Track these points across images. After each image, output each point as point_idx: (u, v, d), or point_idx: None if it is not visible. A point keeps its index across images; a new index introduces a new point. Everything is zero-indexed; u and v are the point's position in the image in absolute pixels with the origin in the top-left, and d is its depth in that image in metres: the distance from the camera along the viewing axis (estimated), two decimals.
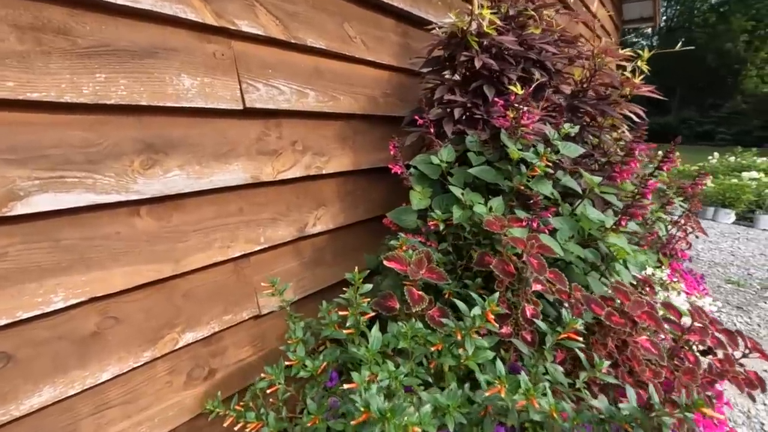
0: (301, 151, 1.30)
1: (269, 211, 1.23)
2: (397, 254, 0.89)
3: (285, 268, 1.32)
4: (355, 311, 0.80)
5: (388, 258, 0.88)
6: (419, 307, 0.80)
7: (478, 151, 1.16)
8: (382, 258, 1.20)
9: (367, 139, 1.57)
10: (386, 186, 1.72)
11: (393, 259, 0.88)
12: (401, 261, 0.88)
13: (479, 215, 1.00)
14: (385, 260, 0.88)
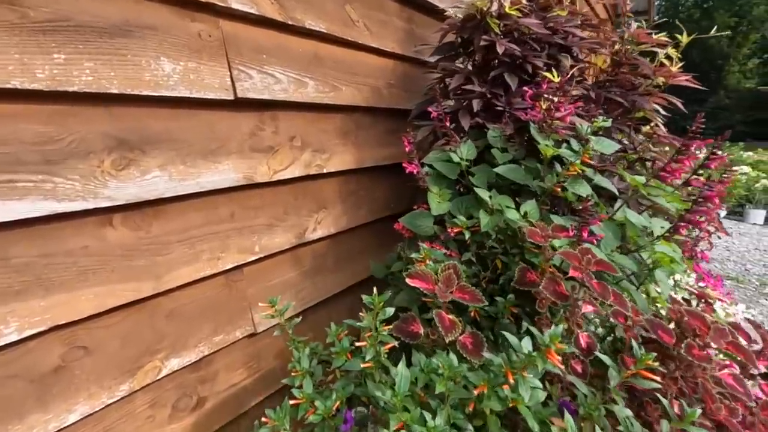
0: (299, 148, 1.16)
1: (265, 215, 1.09)
2: (420, 270, 0.76)
3: (283, 279, 1.18)
4: (375, 342, 0.67)
5: (411, 275, 0.75)
6: (452, 336, 0.67)
7: (502, 147, 1.03)
8: (393, 268, 1.06)
9: (370, 134, 1.43)
10: (390, 185, 1.58)
11: (416, 277, 0.75)
12: (426, 278, 0.75)
13: (512, 222, 0.88)
14: (408, 278, 0.75)
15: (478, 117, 1.11)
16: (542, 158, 0.96)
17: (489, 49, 1.10)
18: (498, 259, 0.95)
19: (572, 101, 0.92)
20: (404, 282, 1.04)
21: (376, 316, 0.69)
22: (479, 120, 1.10)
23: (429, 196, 0.99)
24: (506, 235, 0.94)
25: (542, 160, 0.96)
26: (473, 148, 1.04)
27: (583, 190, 0.89)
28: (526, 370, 0.58)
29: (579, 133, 0.95)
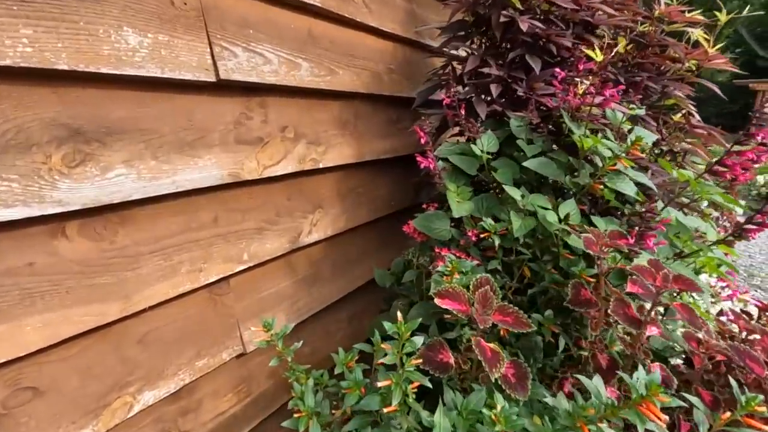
0: (292, 140, 1.01)
1: (254, 218, 0.94)
2: (451, 288, 0.63)
3: (275, 290, 1.03)
4: (400, 380, 0.54)
5: (441, 295, 0.62)
6: (498, 372, 0.54)
7: (528, 138, 0.90)
8: (405, 278, 0.93)
9: (370, 125, 1.29)
10: (392, 181, 1.45)
11: (446, 296, 0.62)
12: (458, 298, 0.62)
13: (551, 225, 0.75)
14: (437, 298, 0.62)
15: (495, 104, 0.98)
16: (575, 151, 0.84)
17: (508, 27, 0.97)
18: (526, 266, 0.83)
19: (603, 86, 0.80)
20: (417, 292, 0.92)
21: (401, 348, 0.56)
22: (497, 107, 0.97)
23: (449, 195, 0.86)
24: (534, 238, 0.82)
25: (574, 153, 0.84)
26: (494, 139, 0.91)
27: (627, 188, 0.77)
28: (604, 421, 0.46)
29: (614, 122, 0.83)
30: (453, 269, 0.69)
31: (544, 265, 0.83)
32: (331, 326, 1.26)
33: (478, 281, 0.64)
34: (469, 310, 0.60)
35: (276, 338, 0.69)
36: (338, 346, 1.29)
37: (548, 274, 0.81)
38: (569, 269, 0.78)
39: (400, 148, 1.44)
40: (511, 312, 0.61)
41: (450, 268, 0.69)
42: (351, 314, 1.33)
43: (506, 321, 0.60)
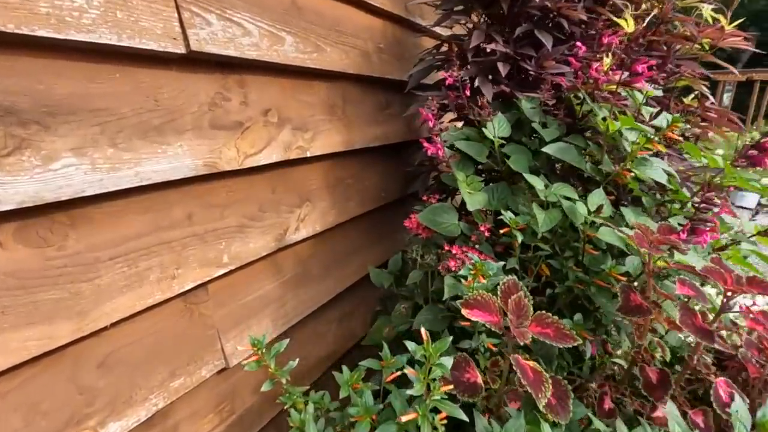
0: (276, 125, 0.89)
1: (235, 214, 0.83)
2: (480, 297, 0.54)
3: (260, 294, 0.92)
4: (426, 411, 0.45)
5: (468, 305, 0.53)
6: (545, 397, 0.46)
7: (541, 121, 0.82)
8: (410, 279, 0.84)
9: (359, 109, 1.18)
10: (382, 170, 1.35)
11: (475, 306, 0.53)
12: (488, 307, 0.53)
13: (578, 218, 0.67)
14: (465, 308, 0.53)
15: (502, 85, 0.89)
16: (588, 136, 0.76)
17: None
18: (544, 263, 0.75)
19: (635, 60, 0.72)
20: (421, 294, 0.83)
21: (428, 373, 0.46)
22: (504, 88, 0.88)
23: (459, 186, 0.76)
24: (553, 233, 0.74)
25: (592, 137, 0.76)
26: (506, 122, 0.82)
27: (658, 175, 0.70)
28: None
29: (635, 102, 0.76)
30: (477, 272, 0.60)
31: (565, 261, 0.75)
32: (321, 327, 1.16)
33: (506, 286, 0.55)
34: (500, 321, 0.52)
35: (268, 358, 0.58)
36: (329, 348, 1.20)
37: (571, 272, 0.74)
38: (592, 266, 0.71)
39: (391, 135, 1.34)
40: (551, 322, 0.53)
41: (473, 271, 0.60)
42: (341, 314, 1.23)
43: (546, 333, 0.52)
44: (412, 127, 1.48)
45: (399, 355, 0.62)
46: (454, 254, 0.71)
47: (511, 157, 0.78)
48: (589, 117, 0.82)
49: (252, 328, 0.90)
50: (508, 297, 0.53)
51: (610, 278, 0.70)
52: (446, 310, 0.77)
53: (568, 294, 0.75)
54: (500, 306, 0.53)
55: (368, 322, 1.37)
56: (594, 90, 0.77)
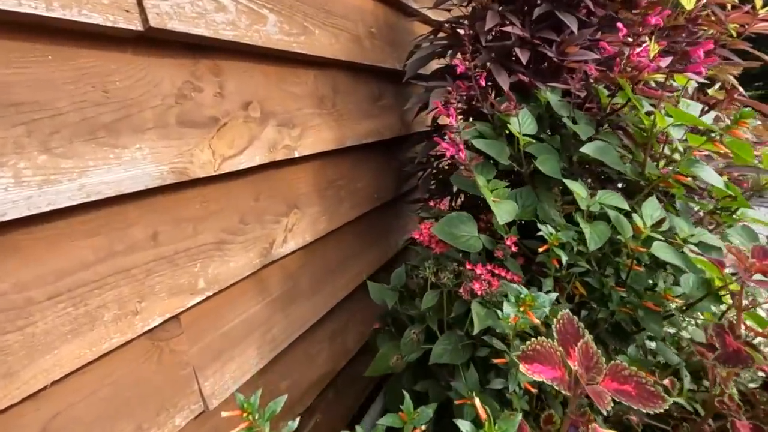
0: (259, 120, 0.76)
1: (211, 229, 0.69)
2: (540, 345, 0.43)
3: (243, 319, 0.79)
4: None
5: (527, 358, 0.41)
6: None
7: (569, 116, 0.71)
8: (425, 303, 0.72)
9: (351, 102, 1.05)
10: (374, 169, 1.22)
11: (535, 359, 0.41)
12: (550, 359, 0.41)
13: (630, 231, 0.57)
14: (524, 363, 0.41)
15: (519, 74, 0.78)
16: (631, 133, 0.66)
17: None
18: (578, 281, 0.65)
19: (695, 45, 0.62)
20: (433, 318, 0.72)
21: None
22: (522, 77, 0.77)
23: (484, 193, 0.65)
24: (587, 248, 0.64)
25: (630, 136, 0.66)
26: (531, 117, 0.71)
27: (713, 179, 0.61)
28: None
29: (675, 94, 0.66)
30: (526, 305, 0.49)
31: (605, 280, 0.65)
32: (312, 348, 1.04)
33: (561, 325, 0.44)
34: (565, 376, 0.41)
35: (261, 422, 0.46)
36: (321, 370, 1.07)
37: (614, 292, 0.64)
38: (636, 285, 0.61)
39: (384, 130, 1.22)
40: (629, 376, 0.42)
41: (522, 306, 0.49)
42: (334, 330, 1.11)
43: (625, 392, 0.41)
44: (405, 121, 1.36)
45: (423, 407, 0.51)
46: (479, 274, 0.60)
47: (539, 158, 0.68)
48: (619, 112, 0.72)
49: (235, 359, 0.77)
50: (569, 340, 0.42)
51: (662, 300, 0.61)
52: (465, 337, 0.66)
53: (609, 317, 0.65)
54: (562, 355, 0.42)
55: (363, 336, 1.26)
56: (635, 79, 0.66)
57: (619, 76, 0.66)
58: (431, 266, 0.68)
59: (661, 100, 0.63)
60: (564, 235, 0.61)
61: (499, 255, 0.66)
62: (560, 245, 0.60)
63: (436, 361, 0.63)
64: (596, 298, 0.68)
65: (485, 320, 0.57)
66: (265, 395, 0.87)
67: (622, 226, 0.60)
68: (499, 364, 0.56)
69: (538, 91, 0.75)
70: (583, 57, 0.76)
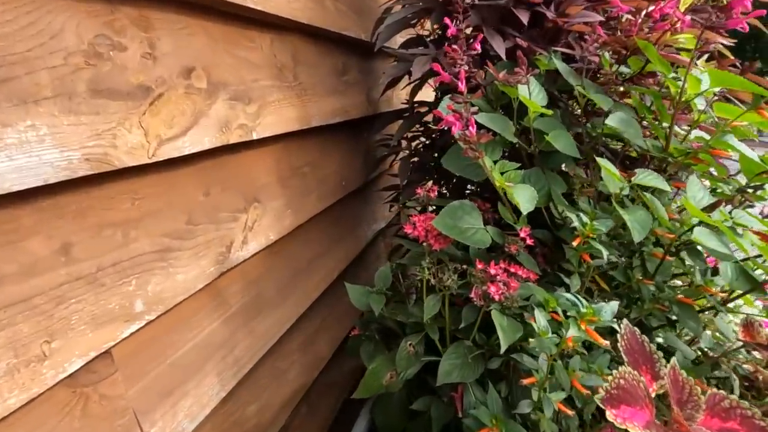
0: (206, 93, 0.60)
1: (149, 234, 0.53)
2: (624, 382, 0.32)
3: (198, 341, 0.64)
4: None
5: (613, 400, 0.29)
6: None
7: (578, 85, 0.62)
8: (426, 313, 0.60)
9: (315, 74, 0.90)
10: (340, 154, 1.09)
11: (621, 400, 0.30)
12: (635, 397, 0.30)
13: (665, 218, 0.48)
14: (611, 408, 0.30)
15: (517, 38, 0.68)
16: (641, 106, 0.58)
17: None
18: (597, 274, 0.57)
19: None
20: (433, 326, 0.61)
21: None
22: (521, 42, 0.67)
23: (494, 177, 0.54)
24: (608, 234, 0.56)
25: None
26: (539, 87, 0.61)
27: (748, 152, 0.54)
28: None
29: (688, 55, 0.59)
30: (585, 320, 0.38)
31: (632, 272, 0.58)
32: (282, 362, 0.90)
33: (627, 342, 0.34)
34: (653, 417, 0.32)
35: None
36: (293, 386, 0.94)
37: (643, 286, 0.57)
38: (664, 277, 0.54)
39: (351, 109, 1.08)
40: (733, 408, 0.34)
41: (581, 322, 0.38)
42: (305, 338, 0.98)
43: (731, 430, 0.33)
44: (372, 100, 1.23)
45: None
46: (494, 275, 0.50)
47: (551, 134, 0.58)
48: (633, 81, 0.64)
49: (190, 393, 0.62)
50: (638, 361, 0.33)
51: (701, 294, 0.54)
52: (474, 346, 0.56)
53: (640, 315, 0.58)
54: (645, 387, 0.33)
55: (337, 339, 1.13)
56: (657, 41, 0.58)
57: (638, 38, 0.58)
58: (430, 266, 0.57)
59: (692, 61, 0.56)
60: (603, 224, 0.52)
61: (513, 250, 0.56)
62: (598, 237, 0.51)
63: (446, 380, 0.53)
64: (622, 293, 0.60)
65: (513, 333, 0.47)
66: (231, 427, 0.73)
67: (659, 211, 0.52)
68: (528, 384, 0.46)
69: (539, 58, 0.65)
70: (586, 18, 0.67)
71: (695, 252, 0.55)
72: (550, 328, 0.44)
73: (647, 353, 0.36)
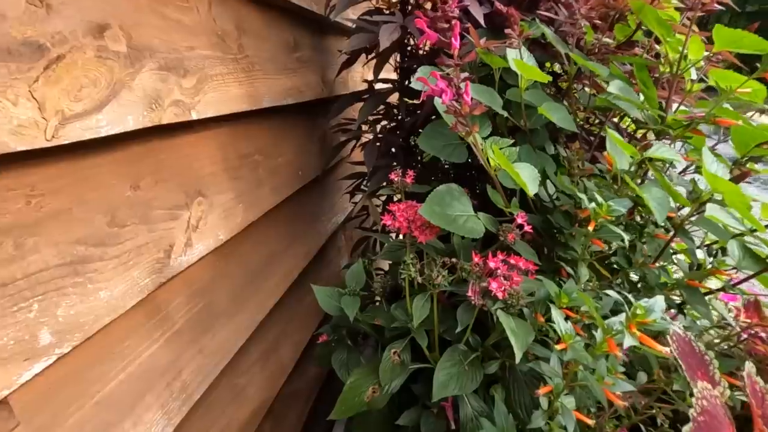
0: (126, 58, 0.47)
1: (55, 242, 0.40)
2: (707, 404, 0.26)
3: (132, 371, 0.52)
4: None
5: (701, 428, 0.25)
6: None
7: (565, 53, 0.56)
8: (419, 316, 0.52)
9: (263, 48, 0.79)
10: (295, 141, 0.98)
11: (710, 426, 0.24)
12: (719, 418, 0.25)
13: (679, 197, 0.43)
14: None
15: (494, 2, 0.61)
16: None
17: None
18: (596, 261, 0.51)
19: None
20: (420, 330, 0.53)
21: None
22: (500, 7, 0.60)
23: (494, 155, 0.46)
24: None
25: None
26: (529, 54, 0.54)
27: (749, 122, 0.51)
28: None
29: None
30: (635, 323, 0.32)
31: (634, 257, 0.53)
32: (240, 379, 0.79)
33: (679, 346, 0.29)
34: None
35: None
36: (255, 403, 0.83)
37: (650, 271, 0.52)
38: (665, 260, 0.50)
39: (305, 90, 0.97)
40: None
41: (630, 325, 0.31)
42: (265, 349, 0.87)
43: None
44: (327, 81, 1.12)
45: None
46: (494, 269, 0.43)
47: (544, 105, 0.51)
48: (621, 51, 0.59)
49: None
50: (693, 368, 0.27)
51: (710, 276, 0.51)
52: (468, 349, 0.49)
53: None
54: (724, 406, 0.27)
55: (300, 344, 1.03)
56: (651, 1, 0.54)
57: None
58: (414, 260, 0.49)
59: (692, 23, 0.51)
60: (619, 204, 0.46)
61: (511, 239, 0.49)
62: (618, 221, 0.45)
63: (444, 394, 0.45)
64: (622, 279, 0.56)
65: (525, 337, 0.41)
66: None
67: (671, 188, 0.48)
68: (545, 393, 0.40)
69: (524, 23, 0.59)
70: None
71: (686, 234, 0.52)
72: (573, 331, 0.38)
73: (700, 356, 0.31)
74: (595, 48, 0.60)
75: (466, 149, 0.61)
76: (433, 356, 0.53)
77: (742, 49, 0.49)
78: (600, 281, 0.56)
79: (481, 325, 0.53)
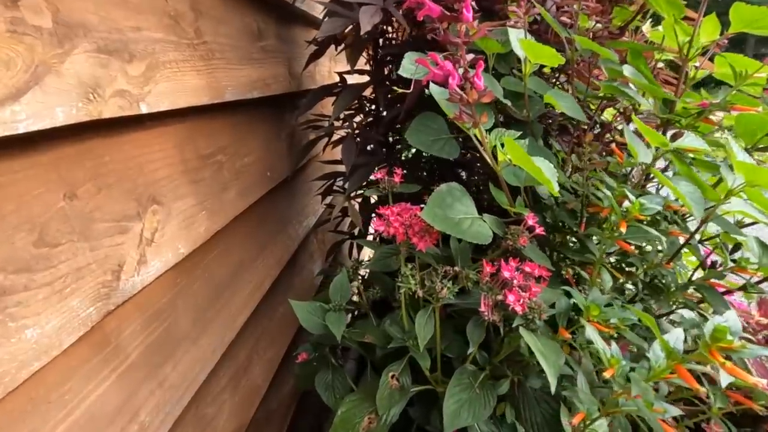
0: (53, 35, 0.38)
1: None
2: None
3: (75, 419, 0.42)
4: None
5: None
6: None
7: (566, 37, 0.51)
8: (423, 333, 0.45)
9: (224, 34, 0.70)
10: (262, 139, 0.89)
11: None
12: None
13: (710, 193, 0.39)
14: None
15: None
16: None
17: None
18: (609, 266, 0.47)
19: None
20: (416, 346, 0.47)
21: None
22: None
23: (507, 149, 0.40)
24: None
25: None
26: (530, 36, 0.49)
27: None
28: None
29: None
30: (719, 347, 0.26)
31: (647, 256, 0.49)
32: (209, 408, 0.70)
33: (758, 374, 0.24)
34: None
35: None
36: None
37: (668, 272, 0.48)
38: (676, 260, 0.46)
39: (271, 82, 0.89)
40: None
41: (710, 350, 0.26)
42: (235, 372, 0.78)
43: None
44: (294, 74, 1.04)
45: None
46: (510, 279, 0.38)
47: (550, 93, 0.46)
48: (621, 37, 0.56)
49: None
50: None
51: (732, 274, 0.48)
52: (477, 368, 0.44)
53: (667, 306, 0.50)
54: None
55: (273, 363, 0.95)
56: None
57: None
58: (413, 271, 0.43)
59: (704, 4, 0.48)
60: (651, 201, 0.42)
61: (522, 243, 0.44)
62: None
63: (456, 426, 0.39)
64: (635, 281, 0.52)
65: (557, 359, 0.35)
66: None
67: (699, 180, 0.44)
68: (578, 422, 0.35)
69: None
70: None
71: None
72: (619, 354, 0.33)
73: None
74: (590, 34, 0.56)
75: (458, 144, 0.55)
76: (434, 377, 0.47)
77: (759, 30, 0.47)
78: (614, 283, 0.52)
79: (486, 340, 0.47)
